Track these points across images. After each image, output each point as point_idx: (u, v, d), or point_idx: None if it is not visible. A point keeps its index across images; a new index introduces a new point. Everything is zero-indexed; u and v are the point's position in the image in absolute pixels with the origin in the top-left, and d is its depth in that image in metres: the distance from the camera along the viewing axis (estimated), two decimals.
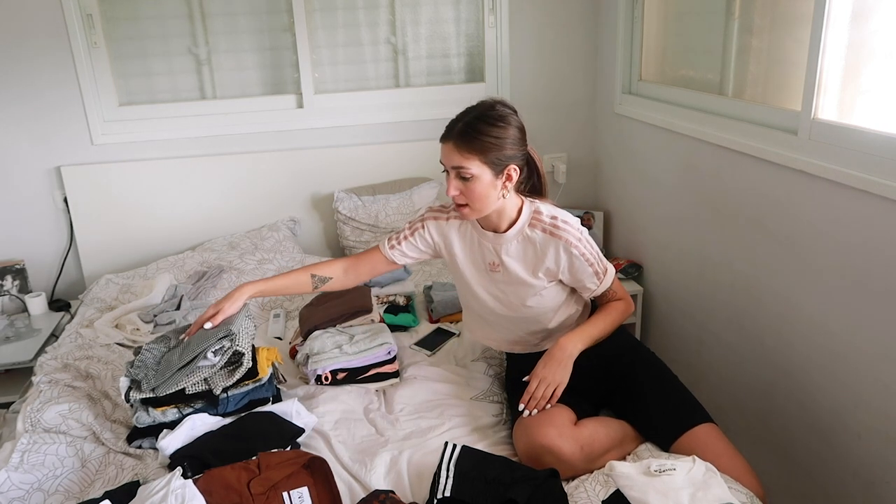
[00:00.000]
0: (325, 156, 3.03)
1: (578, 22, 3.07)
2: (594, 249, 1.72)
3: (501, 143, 1.59)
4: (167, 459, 1.58)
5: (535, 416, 1.62)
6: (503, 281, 1.76)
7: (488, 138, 1.58)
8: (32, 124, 2.83)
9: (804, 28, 1.80)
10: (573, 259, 1.69)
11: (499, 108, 1.62)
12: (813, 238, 1.77)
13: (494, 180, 1.61)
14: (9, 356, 2.45)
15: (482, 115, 1.61)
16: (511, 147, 1.61)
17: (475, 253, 1.78)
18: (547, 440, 1.53)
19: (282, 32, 2.98)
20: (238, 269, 2.71)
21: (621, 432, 1.64)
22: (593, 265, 1.71)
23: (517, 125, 1.64)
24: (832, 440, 1.77)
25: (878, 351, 1.59)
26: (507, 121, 1.61)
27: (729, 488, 1.38)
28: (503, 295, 1.78)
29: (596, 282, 1.74)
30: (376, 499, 1.37)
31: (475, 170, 1.58)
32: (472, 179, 1.59)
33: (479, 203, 1.63)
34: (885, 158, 1.52)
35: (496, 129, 1.59)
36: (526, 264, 1.72)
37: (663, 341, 2.71)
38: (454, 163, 1.60)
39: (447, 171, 1.64)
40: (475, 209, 1.65)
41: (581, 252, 1.68)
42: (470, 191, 1.61)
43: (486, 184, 1.60)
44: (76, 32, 2.75)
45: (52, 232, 2.96)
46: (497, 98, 1.67)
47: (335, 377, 1.91)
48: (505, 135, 1.59)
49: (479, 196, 1.61)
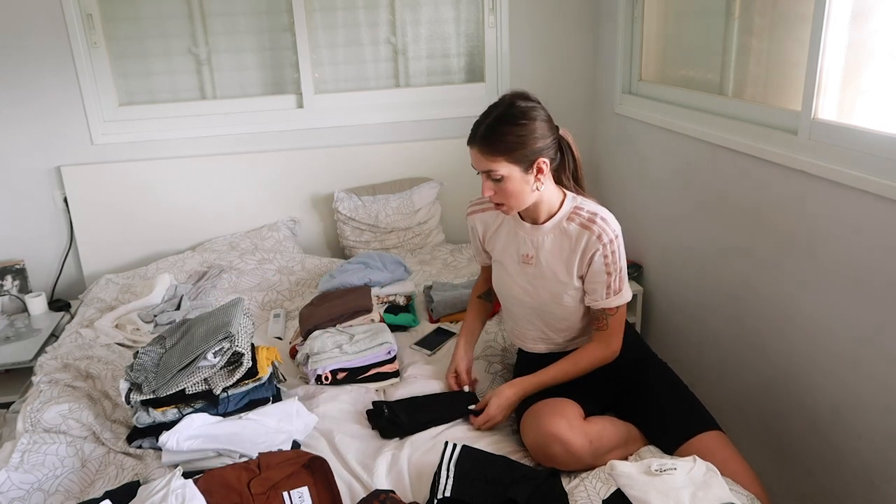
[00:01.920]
0: (325, 156, 3.03)
1: (578, 22, 3.07)
2: (621, 262, 1.66)
3: (525, 140, 1.57)
4: (169, 458, 1.58)
5: (546, 408, 1.62)
6: (535, 275, 1.73)
7: (512, 138, 1.57)
8: (32, 124, 2.83)
9: (804, 28, 1.80)
10: (596, 258, 1.64)
11: (519, 105, 1.60)
12: (813, 238, 1.77)
13: (525, 176, 1.60)
14: (9, 356, 2.45)
15: (503, 115, 1.59)
16: (537, 141, 1.59)
17: (511, 243, 1.77)
18: (558, 430, 1.53)
19: (282, 32, 2.98)
20: (238, 269, 2.72)
21: (627, 432, 1.65)
22: (611, 275, 1.65)
23: (542, 118, 1.61)
24: (833, 439, 1.77)
25: (877, 351, 1.59)
26: (529, 116, 1.59)
27: (730, 489, 1.38)
28: (533, 289, 1.75)
29: (603, 294, 1.67)
30: (376, 499, 1.37)
31: (504, 170, 1.58)
32: (503, 180, 1.59)
33: (514, 200, 1.63)
34: (885, 158, 1.52)
35: (518, 127, 1.57)
36: (561, 259, 1.69)
37: (663, 341, 2.71)
38: (482, 167, 1.60)
39: (480, 174, 1.64)
40: (512, 206, 1.65)
41: (606, 253, 1.63)
42: (503, 190, 1.61)
43: (517, 181, 1.60)
44: (76, 32, 2.75)
45: (52, 232, 2.96)
46: (518, 92, 1.64)
47: (335, 377, 1.91)
48: (528, 131, 1.58)
49: (512, 194, 1.61)
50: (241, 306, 1.86)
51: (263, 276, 2.71)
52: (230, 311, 1.83)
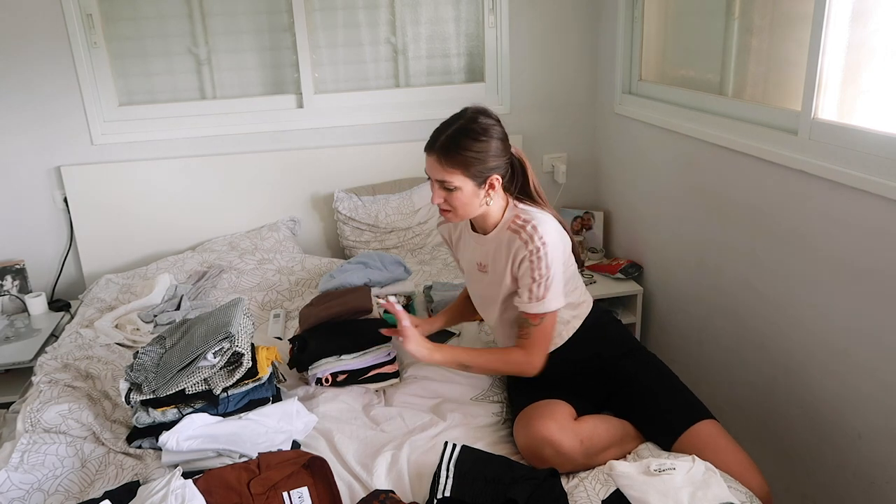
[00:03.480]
0: (325, 156, 3.03)
1: (578, 22, 3.07)
2: (547, 271, 1.62)
3: (483, 157, 1.61)
4: (169, 458, 1.58)
5: (536, 411, 1.63)
6: (490, 282, 1.77)
7: (470, 153, 1.60)
8: (32, 124, 2.83)
9: (804, 28, 1.80)
10: (523, 264, 1.64)
11: (481, 121, 1.62)
12: (813, 238, 1.77)
13: (477, 190, 1.65)
14: (9, 356, 2.45)
15: (464, 128, 1.61)
16: (493, 159, 1.63)
17: (469, 252, 1.83)
18: (547, 432, 1.54)
19: (282, 32, 2.98)
20: (238, 269, 2.72)
21: (622, 430, 1.65)
22: (535, 281, 1.62)
23: (499, 136, 1.64)
24: (832, 439, 1.77)
25: (878, 350, 1.59)
26: (489, 133, 1.62)
27: (728, 487, 1.38)
28: (490, 296, 1.79)
29: (525, 298, 1.65)
30: (376, 499, 1.37)
31: (458, 182, 1.62)
32: (455, 191, 1.64)
33: (461, 210, 1.68)
34: (885, 158, 1.52)
35: (478, 143, 1.60)
36: (503, 266, 1.71)
37: (663, 341, 2.71)
38: (437, 176, 1.64)
39: (431, 180, 1.68)
40: (459, 215, 1.70)
41: (532, 259, 1.61)
42: (453, 199, 1.66)
43: (468, 194, 1.64)
44: (76, 32, 2.75)
45: (52, 232, 2.96)
46: (479, 107, 1.66)
47: (335, 379, 1.91)
48: (487, 148, 1.61)
49: (462, 204, 1.66)
50: (241, 306, 1.86)
51: (263, 276, 2.71)
52: (230, 311, 1.83)
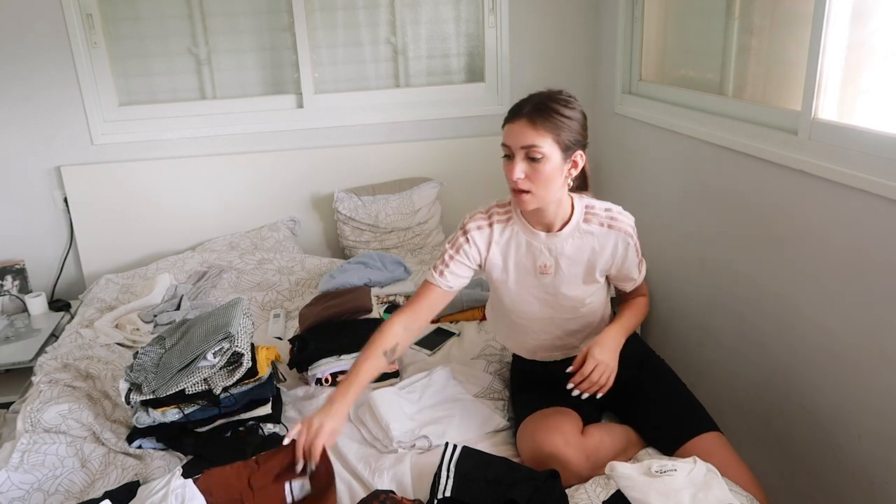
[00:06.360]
0: (325, 156, 3.03)
1: (578, 22, 3.07)
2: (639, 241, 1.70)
3: (572, 125, 1.54)
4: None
5: (541, 422, 1.59)
6: (554, 284, 1.66)
7: (561, 117, 1.52)
8: (32, 124, 2.83)
9: (804, 28, 1.80)
10: (629, 251, 1.65)
11: (565, 93, 1.59)
12: (813, 238, 1.77)
13: (562, 164, 1.54)
14: (9, 356, 2.45)
15: (551, 96, 1.56)
16: (579, 132, 1.56)
17: (522, 256, 1.66)
18: (554, 448, 1.51)
19: (282, 32, 2.98)
20: (238, 269, 2.72)
21: (626, 439, 1.64)
22: (639, 254, 1.69)
23: (582, 112, 1.60)
24: (832, 440, 1.77)
25: (878, 351, 1.59)
26: (574, 104, 1.58)
27: (729, 490, 1.38)
28: (553, 298, 1.68)
29: (638, 272, 1.71)
30: (376, 499, 1.37)
31: (547, 149, 1.50)
32: (542, 160, 1.50)
33: (543, 189, 1.53)
34: (885, 158, 1.52)
35: (568, 109, 1.54)
36: (584, 263, 1.65)
37: (663, 341, 2.71)
38: (527, 141, 1.50)
39: (510, 155, 1.54)
40: (538, 195, 1.54)
41: (635, 242, 1.65)
42: (537, 173, 1.51)
43: (554, 166, 1.52)
44: (76, 32, 2.75)
45: (52, 232, 2.96)
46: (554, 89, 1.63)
47: (335, 379, 1.91)
48: (576, 116, 1.56)
49: (545, 179, 1.52)
50: (240, 306, 1.86)
51: (263, 276, 2.71)
52: (230, 311, 1.83)
